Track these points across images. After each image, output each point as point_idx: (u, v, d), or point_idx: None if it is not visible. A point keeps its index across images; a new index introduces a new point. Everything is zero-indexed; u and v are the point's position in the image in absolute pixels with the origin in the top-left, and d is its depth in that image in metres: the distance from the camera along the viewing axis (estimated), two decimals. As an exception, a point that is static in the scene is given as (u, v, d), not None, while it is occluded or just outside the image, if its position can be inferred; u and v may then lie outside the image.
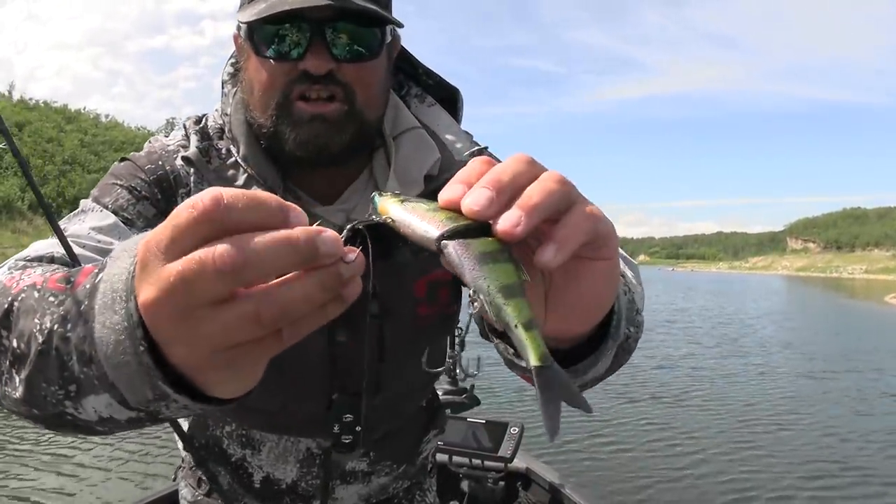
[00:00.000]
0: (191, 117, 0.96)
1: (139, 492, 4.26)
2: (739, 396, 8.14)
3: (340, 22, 0.79)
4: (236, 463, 1.03)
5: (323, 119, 0.81)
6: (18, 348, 0.52)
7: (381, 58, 0.85)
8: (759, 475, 5.16)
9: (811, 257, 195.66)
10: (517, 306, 0.40)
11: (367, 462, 1.04)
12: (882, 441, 6.27)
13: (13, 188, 28.06)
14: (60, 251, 0.72)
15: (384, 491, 1.09)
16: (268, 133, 0.85)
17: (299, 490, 1.02)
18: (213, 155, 0.89)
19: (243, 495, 1.05)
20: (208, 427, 1.03)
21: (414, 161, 0.92)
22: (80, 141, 38.94)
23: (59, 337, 0.48)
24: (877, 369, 10.48)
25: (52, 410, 0.52)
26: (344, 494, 1.04)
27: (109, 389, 0.46)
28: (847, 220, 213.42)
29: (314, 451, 1.00)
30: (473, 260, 0.40)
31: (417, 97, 1.02)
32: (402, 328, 0.92)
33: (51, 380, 0.50)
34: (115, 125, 49.11)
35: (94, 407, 0.49)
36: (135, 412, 0.47)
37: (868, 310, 27.90)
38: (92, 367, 0.46)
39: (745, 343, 13.59)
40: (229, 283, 0.36)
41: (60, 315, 0.48)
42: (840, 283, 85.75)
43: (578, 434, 6.07)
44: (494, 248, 0.41)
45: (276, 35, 0.80)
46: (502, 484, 2.01)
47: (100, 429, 0.52)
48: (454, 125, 1.00)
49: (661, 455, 5.61)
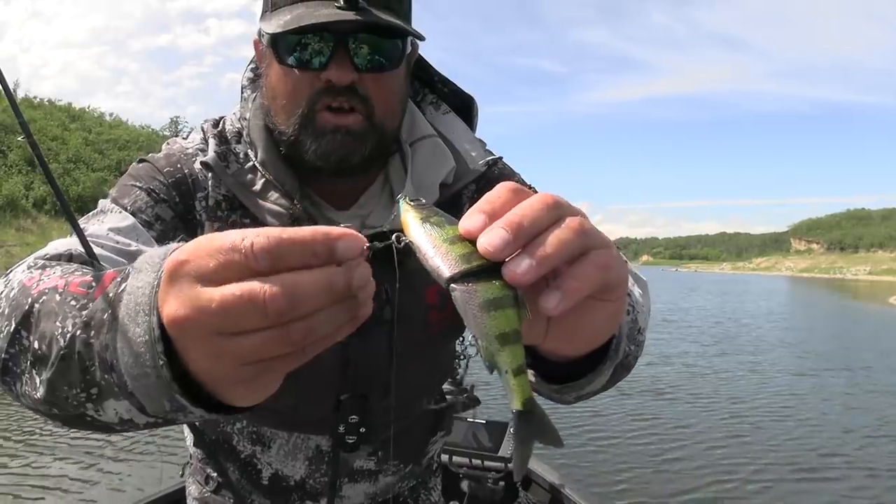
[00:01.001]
0: (208, 120, 0.97)
1: (147, 488, 4.27)
2: (743, 397, 8.14)
3: (363, 33, 0.81)
4: (245, 459, 1.04)
5: (346, 131, 0.82)
6: (40, 350, 0.53)
7: (400, 68, 0.87)
8: (762, 474, 5.16)
9: (815, 258, 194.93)
10: (511, 353, 0.42)
11: (374, 461, 1.05)
12: (875, 434, 6.30)
13: (17, 186, 28.12)
14: (79, 249, 0.73)
15: (390, 490, 1.10)
16: (288, 141, 0.86)
17: (307, 487, 1.03)
18: (231, 160, 0.90)
19: (251, 492, 1.06)
20: (219, 424, 1.04)
21: (430, 169, 0.94)
22: (85, 139, 38.99)
23: (82, 343, 0.49)
24: (886, 368, 10.45)
25: (73, 412, 0.53)
26: (351, 493, 1.05)
27: (129, 397, 0.47)
28: (851, 221, 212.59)
29: (323, 448, 1.01)
30: (476, 307, 0.42)
31: (433, 104, 1.04)
32: (412, 333, 0.93)
33: (73, 383, 0.51)
34: (120, 124, 49.18)
35: (115, 409, 0.50)
36: (153, 418, 0.49)
37: (873, 311, 27.80)
38: (113, 375, 0.47)
39: (752, 344, 13.56)
40: (272, 321, 0.38)
41: (83, 321, 0.49)
42: (844, 285, 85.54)
43: (579, 434, 6.09)
44: (499, 295, 0.42)
45: (299, 44, 0.81)
46: (502, 484, 2.02)
47: (119, 429, 0.54)
48: (469, 134, 1.01)
49: (661, 455, 5.61)
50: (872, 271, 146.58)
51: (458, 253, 0.43)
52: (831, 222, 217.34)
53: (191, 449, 1.13)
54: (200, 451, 1.10)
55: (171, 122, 54.22)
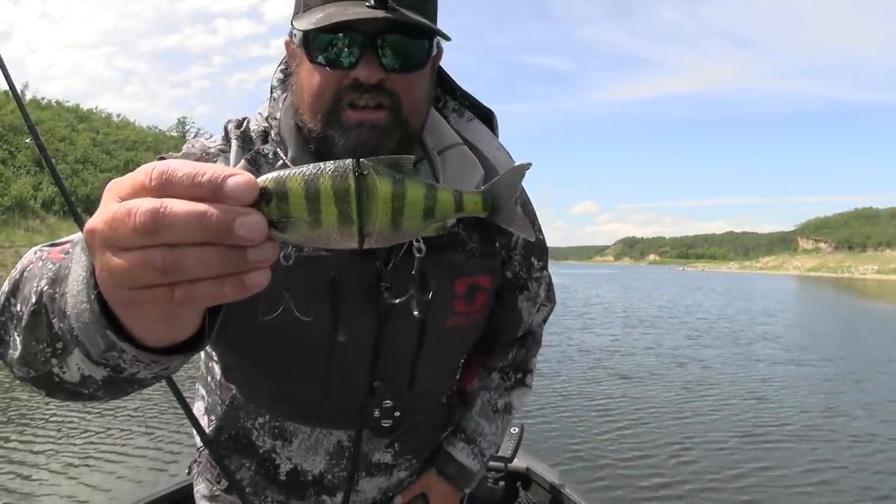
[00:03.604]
0: (231, 120, 0.98)
1: (150, 486, 4.30)
2: (746, 398, 8.09)
3: (392, 34, 0.82)
4: (264, 455, 1.05)
5: (371, 126, 0.84)
6: (20, 311, 0.58)
7: (426, 69, 0.88)
8: (766, 473, 5.15)
9: (822, 257, 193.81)
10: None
11: (391, 454, 1.07)
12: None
13: (26, 187, 28.25)
14: (78, 237, 0.77)
15: (400, 485, 1.13)
16: (317, 137, 0.87)
17: (325, 482, 1.05)
18: (261, 161, 0.90)
19: (266, 488, 1.07)
20: (240, 419, 1.05)
21: (461, 178, 0.95)
22: (92, 140, 39.13)
23: (48, 297, 0.53)
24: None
25: (42, 369, 0.57)
26: (367, 487, 1.08)
27: (78, 344, 0.50)
28: (859, 220, 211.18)
29: (344, 443, 1.03)
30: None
31: (455, 111, 1.05)
32: (439, 322, 0.96)
33: (40, 338, 0.55)
34: (127, 124, 49.36)
35: (77, 364, 0.54)
36: (102, 368, 0.51)
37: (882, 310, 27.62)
38: (65, 321, 0.50)
39: (761, 347, 13.51)
40: (140, 237, 0.38)
41: (51, 278, 0.54)
42: (852, 284, 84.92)
43: (579, 434, 6.10)
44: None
45: (329, 44, 0.82)
46: (502, 484, 2.02)
47: (84, 391, 0.57)
48: (495, 140, 1.03)
49: (662, 455, 5.59)
50: (880, 270, 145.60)
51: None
52: (839, 221, 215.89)
53: (199, 445, 1.15)
54: (213, 448, 1.11)
55: (179, 123, 54.38)
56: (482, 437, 1.16)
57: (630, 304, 26.39)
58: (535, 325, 1.21)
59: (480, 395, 1.18)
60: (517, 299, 1.10)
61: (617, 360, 10.68)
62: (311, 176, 0.41)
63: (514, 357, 1.20)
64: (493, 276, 1.03)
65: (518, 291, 1.10)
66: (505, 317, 1.11)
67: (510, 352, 1.19)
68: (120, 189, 0.40)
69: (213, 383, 1.10)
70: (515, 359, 1.20)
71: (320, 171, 0.41)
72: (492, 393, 1.18)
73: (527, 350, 1.21)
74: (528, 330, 1.20)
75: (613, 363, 10.39)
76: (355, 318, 0.93)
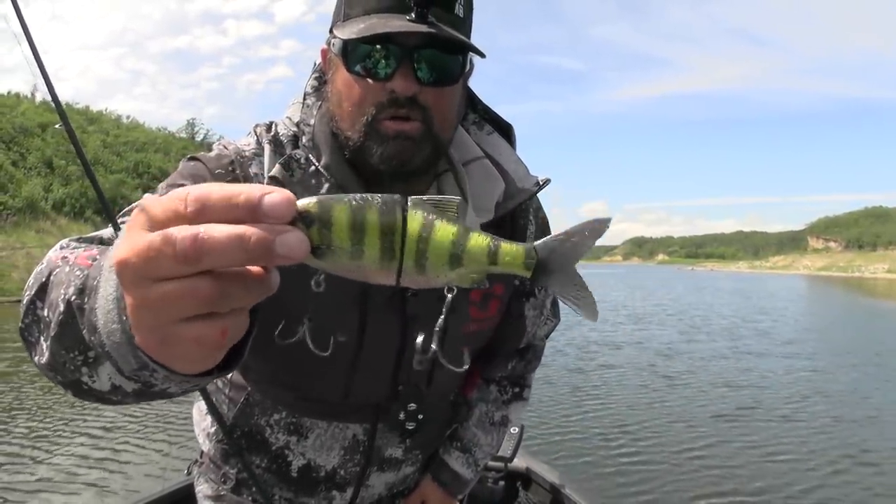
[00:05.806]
0: (260, 124, 0.98)
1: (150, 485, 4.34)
2: (750, 398, 8.06)
3: (428, 48, 0.84)
4: (276, 451, 1.06)
5: (406, 137, 0.86)
6: (47, 317, 0.58)
7: (459, 84, 0.90)
8: (766, 473, 5.14)
9: (832, 256, 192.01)
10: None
11: (402, 450, 1.10)
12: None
13: (36, 188, 28.38)
14: (109, 234, 0.80)
15: (406, 481, 1.16)
16: (354, 146, 0.89)
17: (337, 478, 1.07)
18: (294, 167, 0.91)
19: (275, 485, 1.08)
20: (254, 416, 1.06)
21: (485, 191, 0.98)
22: (103, 142, 39.21)
23: (77, 307, 0.52)
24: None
25: (71, 377, 0.57)
26: (376, 482, 1.10)
27: (109, 358, 0.49)
28: (869, 218, 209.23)
29: (360, 437, 1.05)
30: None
31: (476, 124, 1.07)
32: (457, 325, 0.99)
33: (70, 347, 0.55)
34: (137, 126, 49.42)
35: (108, 374, 0.53)
36: (133, 382, 0.50)
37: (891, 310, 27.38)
38: (96, 336, 0.49)
39: (767, 348, 13.45)
40: (182, 266, 0.36)
41: (78, 287, 0.53)
42: (862, 283, 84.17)
43: (579, 434, 6.10)
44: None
45: (367, 54, 0.84)
46: (502, 484, 2.03)
47: (113, 398, 0.58)
48: (514, 154, 1.05)
49: (662, 455, 5.58)
50: (891, 269, 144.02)
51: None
52: (849, 220, 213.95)
53: (204, 446, 1.15)
54: (219, 448, 1.11)
55: (188, 124, 54.41)
56: (477, 448, 1.19)
57: (632, 302, 26.34)
58: (538, 339, 1.23)
59: (478, 407, 1.20)
60: (524, 306, 1.13)
61: (617, 360, 10.66)
62: (359, 206, 0.40)
63: (514, 369, 1.22)
64: (507, 285, 1.07)
65: (525, 298, 1.13)
66: (509, 325, 1.13)
67: (510, 363, 1.21)
68: (150, 217, 0.38)
69: (219, 382, 1.10)
70: (514, 371, 1.22)
71: (367, 202, 0.40)
72: (489, 405, 1.21)
73: (526, 363, 1.23)
74: (530, 343, 1.22)
75: (614, 363, 10.38)
76: (382, 326, 0.96)
